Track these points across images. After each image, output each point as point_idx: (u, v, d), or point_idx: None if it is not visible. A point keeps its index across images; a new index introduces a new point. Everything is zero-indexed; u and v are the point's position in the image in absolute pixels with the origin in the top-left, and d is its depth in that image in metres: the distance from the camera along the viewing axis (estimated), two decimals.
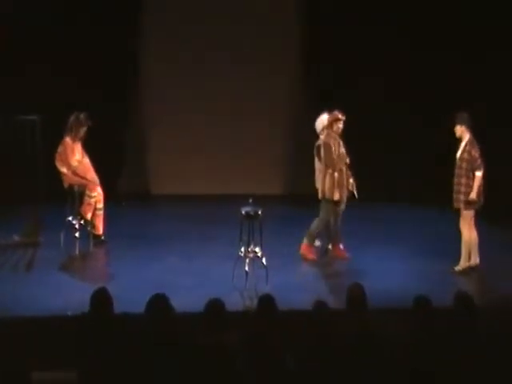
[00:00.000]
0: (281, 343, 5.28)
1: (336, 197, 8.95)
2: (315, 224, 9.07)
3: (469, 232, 8.50)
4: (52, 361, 6.09)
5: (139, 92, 12.31)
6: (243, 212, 8.18)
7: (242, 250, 8.14)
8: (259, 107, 12.40)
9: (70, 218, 9.25)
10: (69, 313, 6.90)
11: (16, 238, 9.49)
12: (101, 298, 5.60)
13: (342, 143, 9.04)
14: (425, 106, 11.52)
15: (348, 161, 9.04)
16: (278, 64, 12.40)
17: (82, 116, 9.19)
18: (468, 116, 8.44)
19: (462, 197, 8.41)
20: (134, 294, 7.11)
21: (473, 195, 8.34)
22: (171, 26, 12.22)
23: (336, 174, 8.93)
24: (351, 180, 9.09)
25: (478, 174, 8.34)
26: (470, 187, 8.36)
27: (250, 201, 8.19)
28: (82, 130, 9.22)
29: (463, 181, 8.40)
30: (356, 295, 5.71)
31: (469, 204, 8.40)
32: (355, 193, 9.09)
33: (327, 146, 8.96)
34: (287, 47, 12.44)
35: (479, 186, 8.36)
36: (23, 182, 9.81)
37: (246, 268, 8.01)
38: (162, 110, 12.25)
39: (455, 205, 8.51)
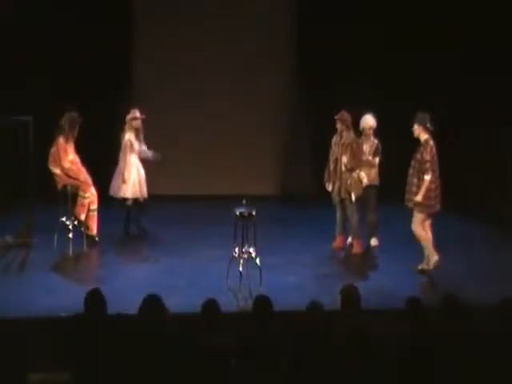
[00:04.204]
0: (276, 344, 5.28)
1: (327, 188, 9.44)
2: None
3: (423, 231, 8.44)
4: (45, 362, 6.08)
5: (132, 92, 12.29)
6: (237, 213, 8.17)
7: (236, 250, 8.12)
8: (253, 108, 12.41)
9: (64, 219, 9.23)
10: (62, 314, 6.87)
11: (9, 238, 9.45)
12: (94, 299, 5.58)
13: (341, 141, 9.26)
14: (423, 105, 11.56)
15: (338, 159, 9.22)
16: (272, 65, 12.42)
17: (74, 115, 9.19)
18: (427, 116, 8.39)
19: (412, 197, 8.38)
20: (127, 295, 7.11)
21: (418, 198, 8.27)
22: (165, 26, 12.22)
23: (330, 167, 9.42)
24: (338, 182, 9.28)
25: (426, 177, 8.26)
26: (420, 189, 8.31)
27: (244, 201, 8.18)
28: (76, 130, 9.21)
29: (415, 181, 8.37)
30: (350, 296, 5.71)
31: (419, 206, 8.34)
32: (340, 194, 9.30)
33: None
34: (281, 47, 12.46)
35: (427, 190, 8.26)
36: (16, 183, 9.78)
37: (240, 268, 8.00)
38: (155, 111, 12.22)
39: (406, 203, 8.50)
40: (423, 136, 8.36)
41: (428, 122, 8.35)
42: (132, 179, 9.72)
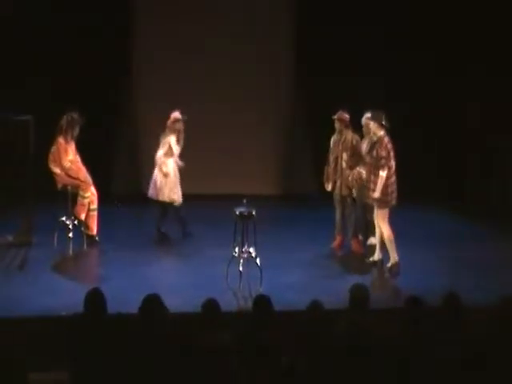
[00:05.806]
0: (276, 343, 5.27)
1: (327, 188, 9.46)
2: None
3: (388, 228, 8.55)
4: (45, 361, 6.07)
5: (132, 92, 12.29)
6: (237, 212, 8.17)
7: (236, 250, 8.12)
8: (252, 108, 12.39)
9: (64, 218, 9.23)
10: (62, 313, 6.87)
11: (9, 238, 9.45)
12: (94, 299, 5.58)
13: (341, 140, 9.32)
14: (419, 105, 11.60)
15: (339, 157, 9.27)
16: (272, 65, 12.42)
17: (74, 115, 9.18)
18: (382, 114, 8.53)
19: (371, 193, 8.56)
20: (127, 295, 7.11)
21: (376, 194, 8.44)
22: (163, 26, 12.22)
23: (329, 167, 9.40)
24: (338, 180, 9.32)
25: (382, 173, 8.39)
26: (376, 185, 8.49)
27: (244, 201, 8.18)
28: (76, 130, 9.20)
29: (372, 178, 8.56)
30: (359, 295, 5.70)
31: (379, 202, 8.49)
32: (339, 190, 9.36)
33: None
34: (281, 47, 12.46)
35: (383, 186, 8.40)
36: (16, 182, 9.77)
37: (240, 268, 8.00)
38: (154, 111, 12.23)
39: (364, 200, 8.84)
40: (378, 133, 8.52)
41: (383, 119, 8.51)
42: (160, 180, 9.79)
